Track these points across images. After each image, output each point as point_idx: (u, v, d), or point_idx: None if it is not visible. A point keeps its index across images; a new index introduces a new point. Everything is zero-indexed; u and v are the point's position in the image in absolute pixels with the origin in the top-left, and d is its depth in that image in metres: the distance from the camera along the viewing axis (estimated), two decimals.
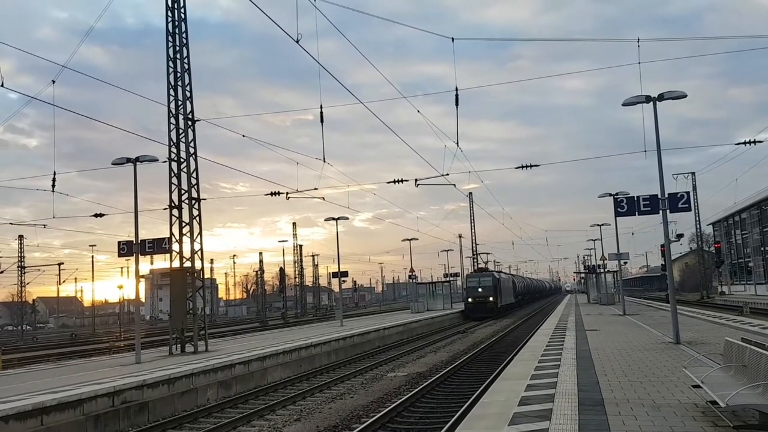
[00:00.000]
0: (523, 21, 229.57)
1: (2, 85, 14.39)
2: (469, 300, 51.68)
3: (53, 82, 18.25)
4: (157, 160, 18.99)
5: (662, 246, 31.45)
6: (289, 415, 13.26)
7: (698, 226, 68.91)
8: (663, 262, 49.20)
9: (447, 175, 27.23)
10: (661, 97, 17.19)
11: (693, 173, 59.98)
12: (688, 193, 18.09)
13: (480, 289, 51.30)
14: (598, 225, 44.34)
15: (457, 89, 20.95)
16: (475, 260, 71.50)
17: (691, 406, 8.64)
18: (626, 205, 17.96)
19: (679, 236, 56.94)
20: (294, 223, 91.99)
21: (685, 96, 17.21)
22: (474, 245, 73.75)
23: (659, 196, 17.34)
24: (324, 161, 22.84)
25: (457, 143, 23.95)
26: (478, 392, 13.91)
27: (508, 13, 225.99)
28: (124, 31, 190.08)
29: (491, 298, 51.09)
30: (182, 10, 20.80)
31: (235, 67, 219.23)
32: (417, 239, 59.68)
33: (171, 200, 20.72)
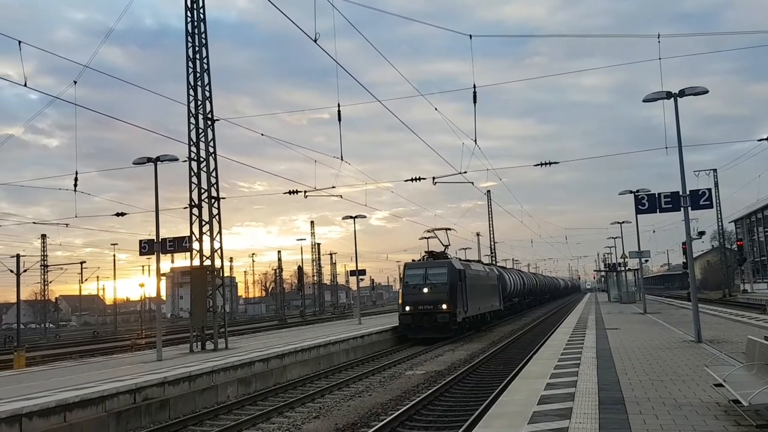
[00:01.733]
0: (539, 18, 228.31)
1: (25, 85, 14.61)
2: (407, 309, 29.90)
3: (75, 82, 18.46)
4: (177, 159, 19.15)
5: (684, 243, 31.11)
6: (308, 413, 13.32)
7: (720, 224, 68.02)
8: (684, 260, 48.44)
9: (465, 173, 27.09)
10: (682, 93, 17.01)
11: (715, 170, 59.22)
12: (709, 190, 17.89)
13: (425, 290, 29.99)
14: (618, 222, 44.01)
15: (475, 86, 20.84)
16: (493, 258, 71.17)
17: (713, 405, 8.55)
18: (647, 203, 17.80)
19: (701, 234, 55.90)
20: (312, 222, 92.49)
21: (706, 92, 17.00)
22: (492, 243, 73.46)
23: (681, 193, 17.16)
24: (342, 160, 22.89)
25: (475, 140, 23.85)
26: (497, 391, 13.87)
27: (524, 10, 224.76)
28: (142, 31, 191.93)
29: (444, 306, 29.47)
30: (201, 11, 20.94)
31: (251, 66, 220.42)
32: (435, 237, 59.48)
33: (191, 199, 20.89)
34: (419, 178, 28.90)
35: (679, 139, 17.28)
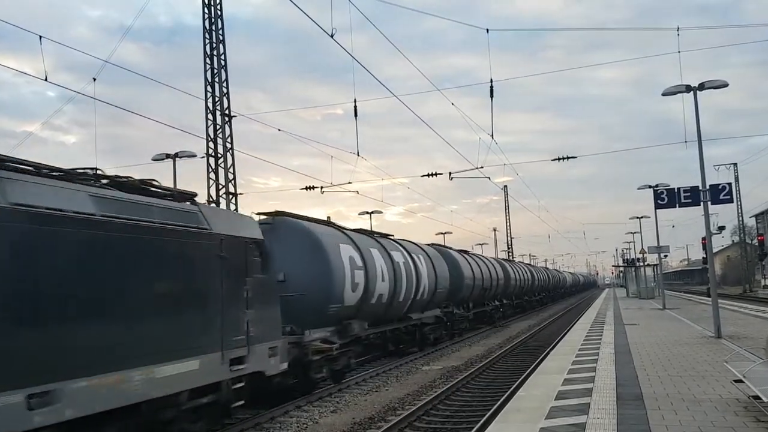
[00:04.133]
0: (554, 11, 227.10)
1: (45, 79, 14.71)
2: None
3: (94, 79, 18.63)
4: (195, 156, 19.35)
5: (703, 239, 30.79)
6: (326, 407, 13.38)
7: (741, 218, 67.17)
8: (704, 255, 47.88)
9: (482, 167, 26.90)
10: (701, 87, 16.85)
11: (735, 164, 58.47)
12: (730, 184, 17.73)
13: None
14: (637, 217, 43.75)
15: (492, 81, 20.77)
16: (510, 254, 70.88)
17: (732, 401, 8.49)
18: (667, 197, 17.69)
19: (721, 228, 55.08)
20: (328, 217, 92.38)
21: (726, 85, 16.84)
22: (509, 238, 73.14)
23: (700, 188, 17.01)
24: (358, 155, 22.87)
25: (492, 135, 23.74)
26: (514, 386, 13.85)
27: (539, 4, 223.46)
28: (156, 29, 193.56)
29: None
30: (218, 7, 21.05)
31: (265, 62, 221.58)
32: (451, 233, 59.14)
33: (209, 195, 21.04)
34: (436, 174, 28.89)
35: (698, 133, 17.12)
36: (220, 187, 21.02)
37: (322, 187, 27.52)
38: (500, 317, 36.59)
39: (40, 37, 14.12)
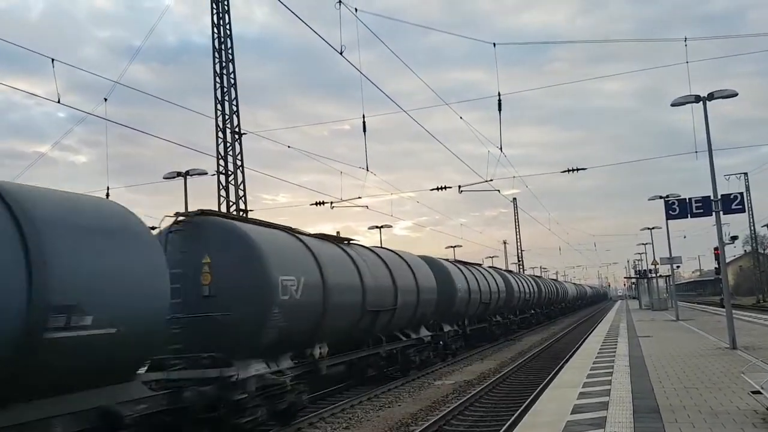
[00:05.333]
0: (559, 25, 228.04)
1: (59, 101, 14.91)
2: None
3: (105, 99, 18.85)
4: (206, 173, 19.50)
5: (716, 249, 30.59)
6: (338, 423, 13.32)
7: (753, 228, 66.74)
8: (716, 266, 47.55)
9: (491, 180, 26.93)
10: (711, 97, 16.82)
11: (746, 173, 58.22)
12: (741, 193, 17.67)
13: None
14: (648, 228, 43.55)
15: (500, 94, 20.87)
16: (521, 266, 70.61)
17: (750, 413, 8.39)
18: (678, 208, 17.63)
19: (734, 238, 54.65)
20: (338, 232, 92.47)
21: (736, 94, 16.82)
22: (519, 251, 72.90)
23: (712, 198, 16.94)
24: (367, 170, 22.94)
25: (501, 148, 23.76)
26: (528, 400, 13.75)
27: (543, 17, 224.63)
28: (164, 48, 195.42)
29: None
30: (227, 27, 21.29)
31: (272, 80, 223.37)
32: (461, 246, 59.10)
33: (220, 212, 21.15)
34: (445, 187, 28.91)
35: (709, 142, 17.08)
36: (231, 203, 21.13)
37: (332, 203, 27.59)
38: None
39: (53, 59, 14.32)
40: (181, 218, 11.78)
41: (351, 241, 17.35)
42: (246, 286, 11.01)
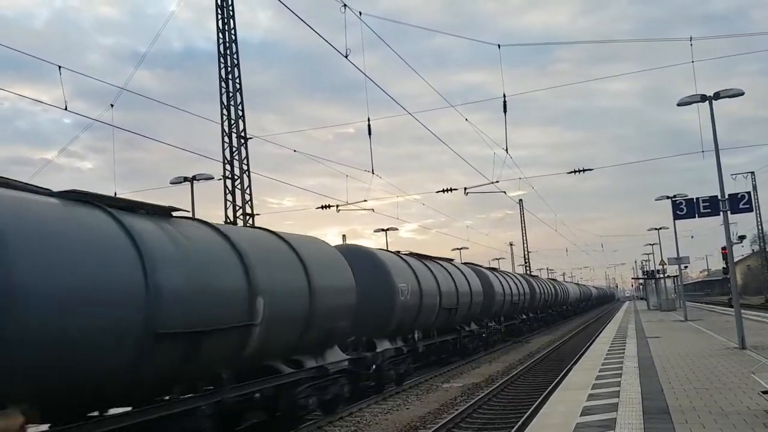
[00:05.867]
0: (562, 25, 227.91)
1: (66, 108, 14.99)
2: None
3: (112, 105, 18.92)
4: (213, 178, 19.56)
5: (723, 248, 30.46)
6: (347, 427, 13.31)
7: (760, 227, 66.42)
8: (724, 265, 47.33)
9: (497, 182, 26.97)
10: (717, 96, 16.78)
11: (752, 173, 57.98)
12: (748, 193, 17.61)
13: None
14: (655, 229, 43.41)
15: (505, 95, 20.88)
16: (527, 268, 70.41)
17: (761, 413, 8.34)
18: (686, 208, 17.57)
19: (741, 238, 54.30)
20: (344, 236, 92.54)
21: (742, 93, 16.77)
22: (525, 253, 72.75)
23: (719, 197, 16.87)
24: (373, 173, 22.97)
25: (506, 149, 23.76)
26: (537, 402, 13.71)
27: (547, 18, 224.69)
28: (169, 54, 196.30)
29: None
30: (233, 32, 21.36)
31: (276, 84, 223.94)
32: (467, 248, 58.99)
33: (226, 216, 21.19)
34: (451, 189, 28.91)
35: (715, 142, 17.03)
36: (237, 208, 21.18)
37: (338, 206, 27.62)
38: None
39: (59, 67, 14.38)
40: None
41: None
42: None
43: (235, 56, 21.38)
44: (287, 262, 11.57)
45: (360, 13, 16.31)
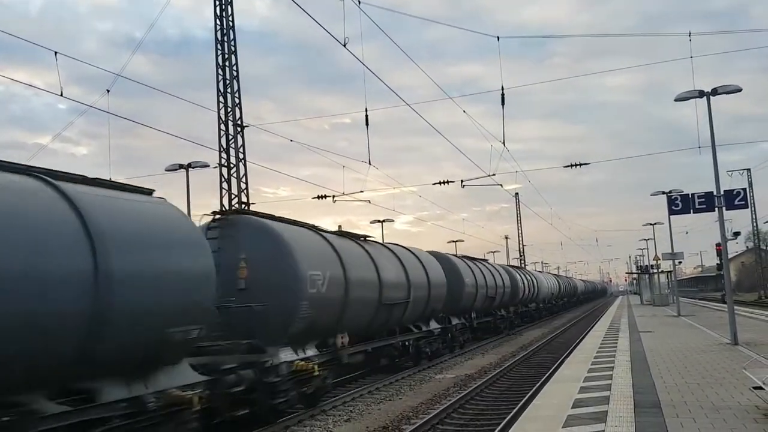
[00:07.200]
0: (561, 19, 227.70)
1: (61, 94, 14.91)
2: None
3: (108, 91, 18.79)
4: (209, 166, 19.48)
5: (718, 245, 30.55)
6: (339, 416, 13.35)
7: (755, 224, 66.62)
8: (719, 261, 47.42)
9: (493, 175, 26.93)
10: (714, 92, 16.77)
11: (748, 169, 58.08)
12: (744, 189, 17.64)
13: None
14: (651, 224, 43.50)
15: (503, 88, 20.80)
16: (522, 261, 70.50)
17: (752, 408, 8.39)
18: (681, 203, 17.60)
19: (736, 234, 54.44)
20: (339, 226, 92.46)
21: (739, 90, 16.77)
22: (521, 246, 72.82)
23: (715, 193, 16.90)
24: (369, 164, 22.91)
25: (503, 143, 23.69)
26: (529, 394, 13.77)
27: (546, 12, 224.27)
28: (164, 41, 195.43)
29: None
30: (230, 19, 21.20)
31: (273, 73, 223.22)
32: (463, 241, 59.08)
33: (222, 205, 21.11)
34: (447, 182, 28.87)
35: (712, 138, 17.06)
36: (233, 196, 21.11)
37: (334, 196, 27.55)
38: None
39: (56, 53, 14.27)
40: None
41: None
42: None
43: (232, 43, 21.25)
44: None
45: (359, 2, 16.23)
